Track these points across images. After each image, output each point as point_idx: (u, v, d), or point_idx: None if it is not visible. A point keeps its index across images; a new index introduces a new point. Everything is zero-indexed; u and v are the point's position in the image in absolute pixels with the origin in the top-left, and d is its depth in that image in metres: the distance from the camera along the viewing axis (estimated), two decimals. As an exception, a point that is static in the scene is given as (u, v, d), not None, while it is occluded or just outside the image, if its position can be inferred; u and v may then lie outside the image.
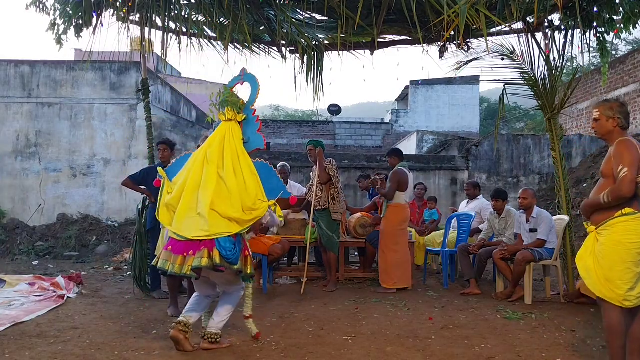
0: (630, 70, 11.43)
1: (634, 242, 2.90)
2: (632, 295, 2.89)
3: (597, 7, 5.26)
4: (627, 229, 2.91)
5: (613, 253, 2.93)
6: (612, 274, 2.91)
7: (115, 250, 8.86)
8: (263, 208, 3.59)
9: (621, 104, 3.16)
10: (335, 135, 20.98)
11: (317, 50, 6.31)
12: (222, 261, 3.37)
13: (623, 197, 2.89)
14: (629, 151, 2.93)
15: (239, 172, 3.61)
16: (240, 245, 3.52)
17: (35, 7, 5.69)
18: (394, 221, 5.90)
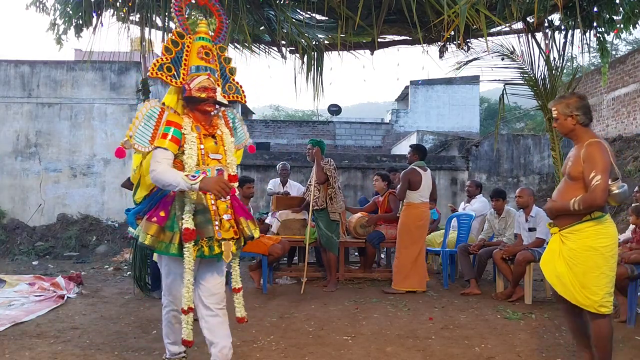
0: (630, 70, 11.42)
1: (606, 245, 2.82)
2: (610, 301, 2.83)
3: (597, 7, 5.26)
4: (598, 233, 2.82)
5: (587, 259, 2.82)
6: (587, 280, 2.82)
7: (115, 250, 8.86)
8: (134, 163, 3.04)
9: (579, 98, 2.96)
10: (335, 135, 20.98)
11: (317, 50, 6.31)
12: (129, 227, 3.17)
13: (596, 207, 2.78)
14: (601, 157, 2.78)
15: None
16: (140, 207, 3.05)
17: (35, 7, 5.69)
18: (407, 220, 5.89)
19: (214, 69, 3.02)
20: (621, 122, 11.74)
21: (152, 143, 2.82)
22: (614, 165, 2.82)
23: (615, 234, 2.88)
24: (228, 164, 3.02)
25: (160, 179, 2.74)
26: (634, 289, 4.44)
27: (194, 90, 2.89)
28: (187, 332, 2.85)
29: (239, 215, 2.96)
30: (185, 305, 2.83)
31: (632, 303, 4.43)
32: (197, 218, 2.81)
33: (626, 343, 3.89)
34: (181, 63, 2.96)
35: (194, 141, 2.86)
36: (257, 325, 4.30)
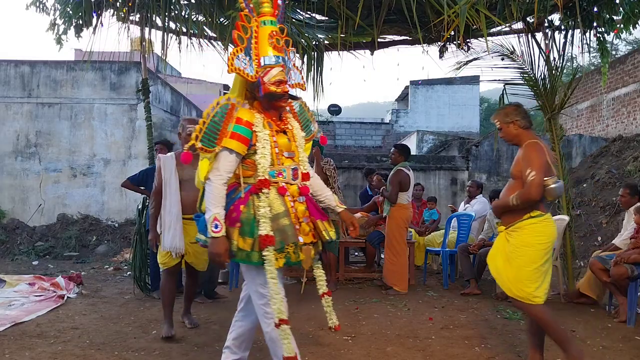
0: (630, 70, 11.42)
1: (542, 242, 3.01)
2: (541, 291, 3.02)
3: (597, 7, 5.26)
4: (535, 231, 3.02)
5: (523, 254, 3.02)
6: (522, 274, 3.01)
7: (115, 250, 8.86)
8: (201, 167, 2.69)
9: (516, 106, 3.24)
10: (335, 135, 20.97)
11: (317, 50, 6.31)
12: (197, 234, 2.74)
13: (531, 201, 2.98)
14: (536, 155, 3.00)
15: None
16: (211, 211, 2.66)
17: (35, 7, 5.69)
18: (399, 222, 5.87)
19: (286, 58, 2.75)
20: (621, 122, 11.74)
21: (218, 143, 2.55)
22: (551, 164, 3.03)
23: (552, 233, 3.07)
24: (300, 161, 2.74)
25: (207, 194, 2.55)
26: (634, 289, 4.44)
27: (269, 85, 2.60)
28: (288, 347, 2.56)
29: (316, 217, 2.72)
30: (277, 319, 2.56)
31: (632, 303, 4.43)
32: (279, 222, 2.54)
33: (626, 343, 3.89)
34: (251, 53, 2.62)
35: (267, 139, 2.59)
36: (257, 325, 4.29)
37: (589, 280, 5.13)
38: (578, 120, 13.68)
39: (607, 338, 4.02)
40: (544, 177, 2.96)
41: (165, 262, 3.96)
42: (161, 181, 3.92)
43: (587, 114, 13.23)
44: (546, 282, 3.06)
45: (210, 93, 21.15)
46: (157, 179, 4.00)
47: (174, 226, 3.83)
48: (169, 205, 3.86)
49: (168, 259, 3.94)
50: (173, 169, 3.90)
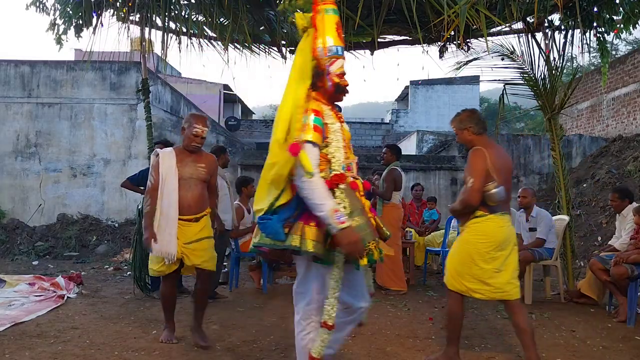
0: (630, 70, 11.42)
1: (482, 242, 3.16)
2: (483, 288, 3.17)
3: (597, 7, 5.26)
4: (477, 230, 3.19)
5: (464, 251, 3.23)
6: (462, 268, 3.22)
7: (115, 250, 8.86)
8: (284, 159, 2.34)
9: (470, 113, 3.37)
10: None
11: (317, 50, 6.31)
12: (262, 238, 2.41)
13: (470, 205, 3.15)
14: (477, 161, 3.16)
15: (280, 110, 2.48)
16: (287, 212, 2.41)
17: (35, 7, 5.69)
18: (393, 221, 5.86)
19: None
20: (621, 122, 11.74)
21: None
22: (492, 170, 3.12)
23: (494, 233, 3.17)
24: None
25: (311, 192, 2.28)
26: (634, 289, 4.44)
27: (334, 76, 2.45)
28: (320, 349, 2.37)
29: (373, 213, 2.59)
30: (331, 320, 2.33)
31: (632, 303, 4.43)
32: (358, 219, 2.35)
33: (626, 343, 3.89)
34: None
35: (339, 131, 2.45)
36: (257, 325, 4.30)
37: (589, 281, 5.13)
38: (578, 120, 13.68)
39: (607, 338, 4.02)
40: (483, 183, 3.10)
41: (160, 270, 3.66)
42: (158, 178, 3.61)
43: (587, 114, 13.24)
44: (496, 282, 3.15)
45: (210, 93, 21.16)
46: (153, 176, 3.65)
47: (169, 229, 3.54)
48: (166, 205, 3.57)
49: (163, 267, 3.64)
50: (173, 165, 3.61)
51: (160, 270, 3.68)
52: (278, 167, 2.35)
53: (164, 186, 3.59)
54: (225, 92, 22.07)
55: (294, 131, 2.35)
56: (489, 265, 3.15)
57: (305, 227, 2.34)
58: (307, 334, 2.47)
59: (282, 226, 2.36)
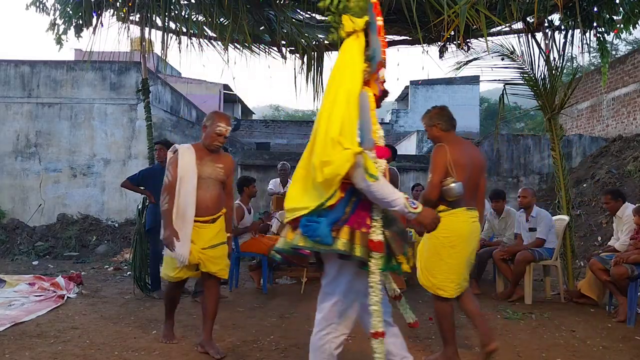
0: (630, 70, 11.43)
1: (445, 236, 3.19)
2: (449, 286, 3.22)
3: (597, 7, 5.26)
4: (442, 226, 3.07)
5: (430, 246, 3.30)
6: (429, 263, 3.29)
7: (115, 250, 8.87)
8: (342, 159, 2.21)
9: (439, 110, 3.42)
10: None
11: (317, 50, 6.31)
12: (302, 240, 2.32)
13: (429, 200, 3.19)
14: (436, 158, 3.25)
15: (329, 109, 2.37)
16: (335, 214, 2.31)
17: (35, 7, 5.69)
18: None
19: None
20: (621, 122, 11.75)
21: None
22: (452, 166, 3.19)
23: (458, 228, 3.22)
24: None
25: (380, 192, 2.23)
26: (634, 289, 4.44)
27: (381, 83, 2.42)
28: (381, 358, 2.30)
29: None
30: (379, 328, 2.29)
31: (632, 303, 4.43)
32: (399, 225, 2.38)
33: (626, 343, 3.89)
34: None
35: (383, 137, 2.48)
36: (257, 325, 4.29)
37: (589, 281, 5.13)
38: (578, 120, 13.68)
39: (607, 338, 4.02)
40: (442, 178, 3.18)
41: (177, 276, 3.51)
42: (176, 175, 3.41)
43: (587, 114, 13.24)
44: (458, 278, 3.23)
45: (210, 93, 21.16)
46: (171, 172, 3.44)
47: (184, 230, 3.38)
48: (183, 204, 3.38)
49: (181, 273, 3.49)
50: (193, 163, 3.42)
51: (178, 276, 3.51)
52: (334, 167, 2.22)
53: (181, 184, 3.40)
54: (225, 92, 22.08)
55: (348, 130, 2.27)
56: (454, 261, 3.22)
57: (356, 232, 2.28)
58: (326, 334, 2.43)
59: (331, 230, 2.28)
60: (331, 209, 2.30)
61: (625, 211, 5.07)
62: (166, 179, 3.46)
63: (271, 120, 23.22)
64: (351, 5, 2.42)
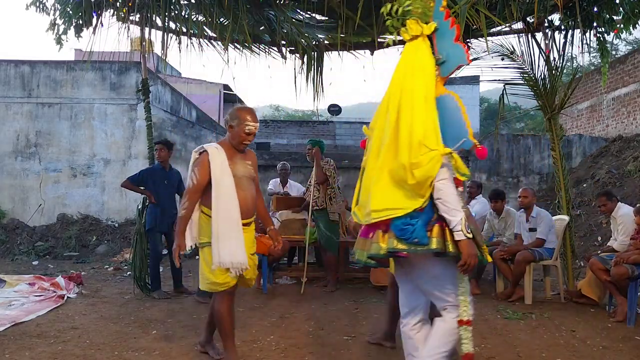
0: (630, 70, 11.42)
1: None
2: None
3: (597, 7, 5.27)
4: None
5: None
6: None
7: (115, 250, 8.86)
8: (430, 161, 2.30)
9: None
10: (335, 135, 20.98)
11: (317, 50, 6.31)
12: (399, 243, 2.35)
13: None
14: None
15: (409, 111, 2.42)
16: (427, 215, 2.37)
17: (35, 7, 5.69)
18: None
19: None
20: (621, 122, 11.74)
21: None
22: None
23: None
24: None
25: (449, 195, 2.31)
26: (634, 289, 4.44)
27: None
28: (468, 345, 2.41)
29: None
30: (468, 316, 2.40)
31: (632, 303, 4.43)
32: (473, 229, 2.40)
33: (626, 343, 3.90)
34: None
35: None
36: (257, 325, 4.30)
37: (589, 281, 5.13)
38: (578, 120, 13.68)
39: (607, 338, 4.02)
40: None
41: (226, 282, 3.14)
42: (203, 178, 3.13)
43: (587, 114, 13.23)
44: None
45: (210, 93, 21.17)
46: (197, 175, 3.13)
47: (235, 235, 3.08)
48: (225, 208, 3.08)
49: (229, 278, 3.13)
50: (225, 163, 3.16)
51: (226, 282, 3.13)
52: (426, 170, 2.31)
53: (218, 187, 3.11)
54: (225, 92, 22.07)
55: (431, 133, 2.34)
56: None
57: (446, 229, 2.34)
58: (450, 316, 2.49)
59: (427, 230, 2.34)
60: (421, 210, 2.36)
61: (619, 211, 5.09)
62: (190, 181, 3.15)
63: (271, 120, 23.21)
64: (419, 11, 2.55)
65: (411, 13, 2.57)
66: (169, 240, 5.74)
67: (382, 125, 2.55)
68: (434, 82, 2.46)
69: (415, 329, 2.60)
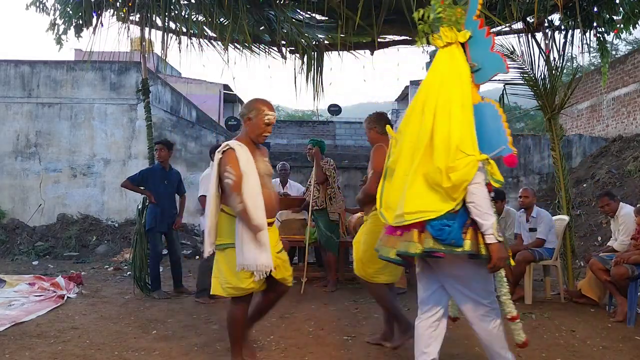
0: (630, 70, 11.42)
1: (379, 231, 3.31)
2: (383, 274, 3.62)
3: (597, 7, 5.27)
4: (376, 221, 3.42)
5: (366, 240, 3.59)
6: (365, 256, 3.60)
7: (115, 250, 8.86)
8: (466, 165, 2.41)
9: (378, 115, 3.84)
10: (335, 135, 20.97)
11: (317, 50, 6.31)
12: (435, 244, 2.42)
13: (370, 195, 3.40)
14: (376, 156, 3.59)
15: (447, 117, 2.52)
16: (462, 218, 2.45)
17: (35, 7, 5.69)
18: None
19: None
20: (621, 122, 11.74)
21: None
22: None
23: None
24: None
25: (482, 199, 2.44)
26: (634, 289, 4.44)
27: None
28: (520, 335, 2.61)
29: None
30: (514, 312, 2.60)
31: (632, 303, 4.43)
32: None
33: (626, 343, 3.89)
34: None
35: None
36: (257, 325, 4.28)
37: (590, 281, 5.13)
38: (578, 120, 13.68)
39: (607, 338, 4.02)
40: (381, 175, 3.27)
41: (250, 287, 2.99)
42: (240, 173, 2.98)
43: (587, 114, 13.23)
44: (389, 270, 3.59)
45: (210, 93, 21.16)
46: (234, 171, 2.97)
47: (261, 234, 2.93)
48: (252, 207, 2.92)
49: (254, 284, 2.98)
50: (251, 160, 3.04)
51: (250, 287, 3.00)
52: (462, 174, 2.41)
53: (245, 186, 2.98)
54: (225, 92, 22.07)
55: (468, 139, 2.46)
56: None
57: (478, 233, 2.44)
58: (500, 323, 2.66)
59: (462, 232, 2.44)
60: (456, 213, 2.45)
61: (622, 211, 5.09)
62: (229, 180, 2.95)
63: (271, 121, 23.16)
64: (458, 17, 2.65)
65: (442, 20, 2.66)
66: (169, 240, 5.74)
67: (415, 129, 2.63)
68: (470, 89, 2.56)
69: (433, 326, 2.76)
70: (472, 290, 2.59)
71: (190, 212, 8.73)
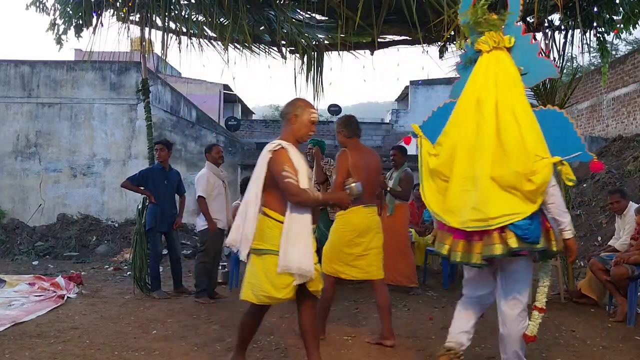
0: (630, 70, 11.42)
1: (346, 230, 3.78)
2: (350, 270, 3.79)
3: (597, 7, 5.26)
4: (342, 220, 3.81)
5: (332, 237, 3.86)
6: (329, 253, 3.84)
7: (115, 250, 8.86)
8: (544, 168, 2.55)
9: (346, 119, 3.99)
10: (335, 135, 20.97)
11: (317, 50, 6.31)
12: (520, 243, 2.57)
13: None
14: (340, 161, 3.77)
15: (513, 121, 2.64)
16: (538, 217, 2.62)
17: (35, 7, 5.69)
18: (404, 219, 6.03)
19: None
20: (621, 122, 11.74)
21: None
22: (352, 168, 3.70)
23: (356, 223, 3.75)
24: None
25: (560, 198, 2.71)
26: (634, 289, 4.44)
27: None
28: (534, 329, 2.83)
29: None
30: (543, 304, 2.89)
31: (632, 303, 4.43)
32: None
33: (626, 343, 3.90)
34: None
35: None
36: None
37: (590, 281, 5.13)
38: (578, 120, 13.67)
39: (607, 338, 4.02)
40: (344, 179, 3.57)
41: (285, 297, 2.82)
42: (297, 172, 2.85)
43: (587, 114, 13.23)
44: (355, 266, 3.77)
45: (210, 93, 21.16)
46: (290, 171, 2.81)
47: (304, 239, 2.81)
48: (301, 210, 2.82)
49: (291, 292, 2.82)
50: (302, 161, 2.92)
51: (286, 297, 2.83)
52: (543, 176, 2.56)
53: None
54: (225, 92, 22.06)
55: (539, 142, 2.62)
56: (352, 250, 3.76)
57: (550, 230, 2.69)
58: (527, 325, 2.83)
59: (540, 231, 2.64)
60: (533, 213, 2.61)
61: (630, 210, 5.06)
62: (291, 180, 2.78)
63: (271, 120, 23.20)
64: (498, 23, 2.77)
65: (481, 25, 2.79)
66: (168, 240, 5.74)
67: (470, 131, 2.73)
68: (524, 92, 2.73)
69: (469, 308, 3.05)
70: (520, 287, 2.82)
71: (190, 212, 8.73)
